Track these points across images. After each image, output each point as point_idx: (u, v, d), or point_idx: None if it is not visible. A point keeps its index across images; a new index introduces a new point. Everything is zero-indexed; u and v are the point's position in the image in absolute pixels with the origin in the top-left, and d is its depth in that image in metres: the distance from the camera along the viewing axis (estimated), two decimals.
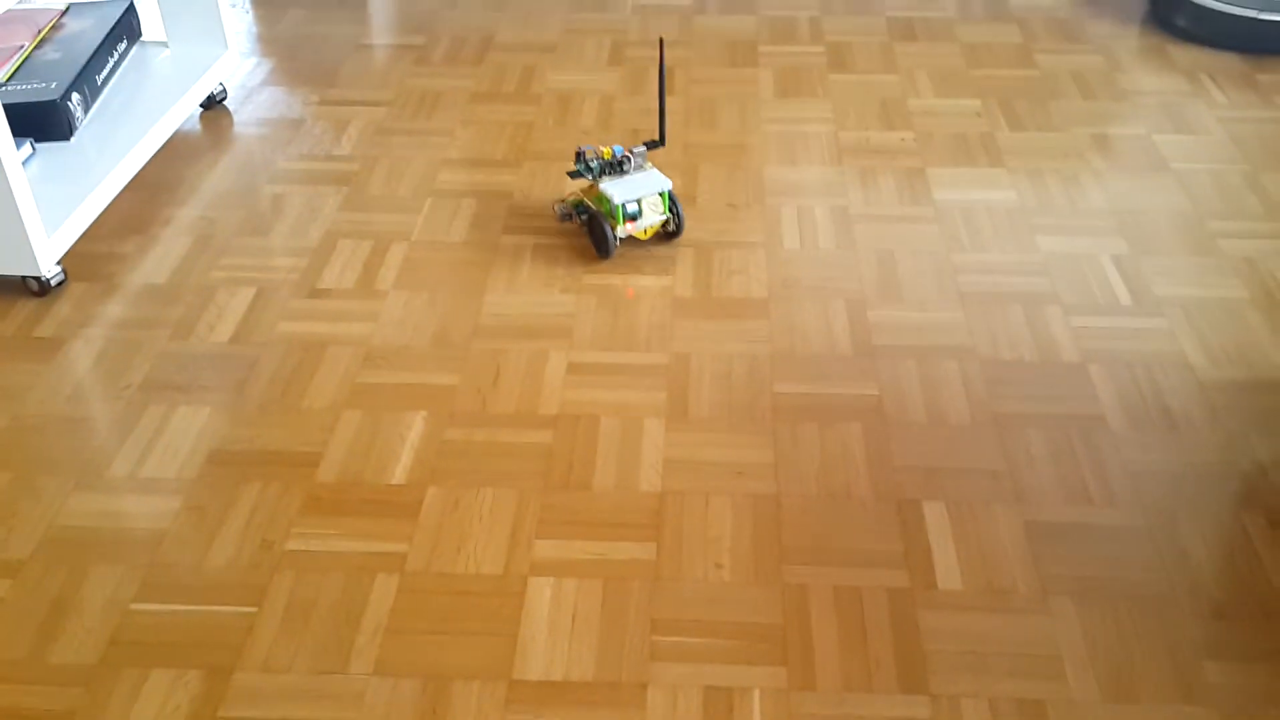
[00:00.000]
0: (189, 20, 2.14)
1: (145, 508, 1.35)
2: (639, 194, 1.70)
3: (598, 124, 2.11)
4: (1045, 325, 1.61)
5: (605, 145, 1.88)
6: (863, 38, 2.41)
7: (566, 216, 1.78)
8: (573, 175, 1.76)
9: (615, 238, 1.71)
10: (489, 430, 1.45)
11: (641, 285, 1.70)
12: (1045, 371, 1.54)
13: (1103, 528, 1.31)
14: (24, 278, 1.68)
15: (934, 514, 1.33)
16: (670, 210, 1.75)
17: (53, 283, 1.69)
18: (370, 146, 2.06)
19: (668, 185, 1.71)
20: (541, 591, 1.24)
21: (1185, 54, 2.33)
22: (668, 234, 1.78)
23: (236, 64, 2.35)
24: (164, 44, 2.17)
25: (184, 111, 2.02)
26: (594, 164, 1.75)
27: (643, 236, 1.75)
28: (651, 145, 1.78)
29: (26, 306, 1.68)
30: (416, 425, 1.46)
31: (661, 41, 1.73)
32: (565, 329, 1.62)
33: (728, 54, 2.36)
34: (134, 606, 1.23)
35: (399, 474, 1.39)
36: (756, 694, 1.14)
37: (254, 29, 2.50)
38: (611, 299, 1.67)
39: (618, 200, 1.69)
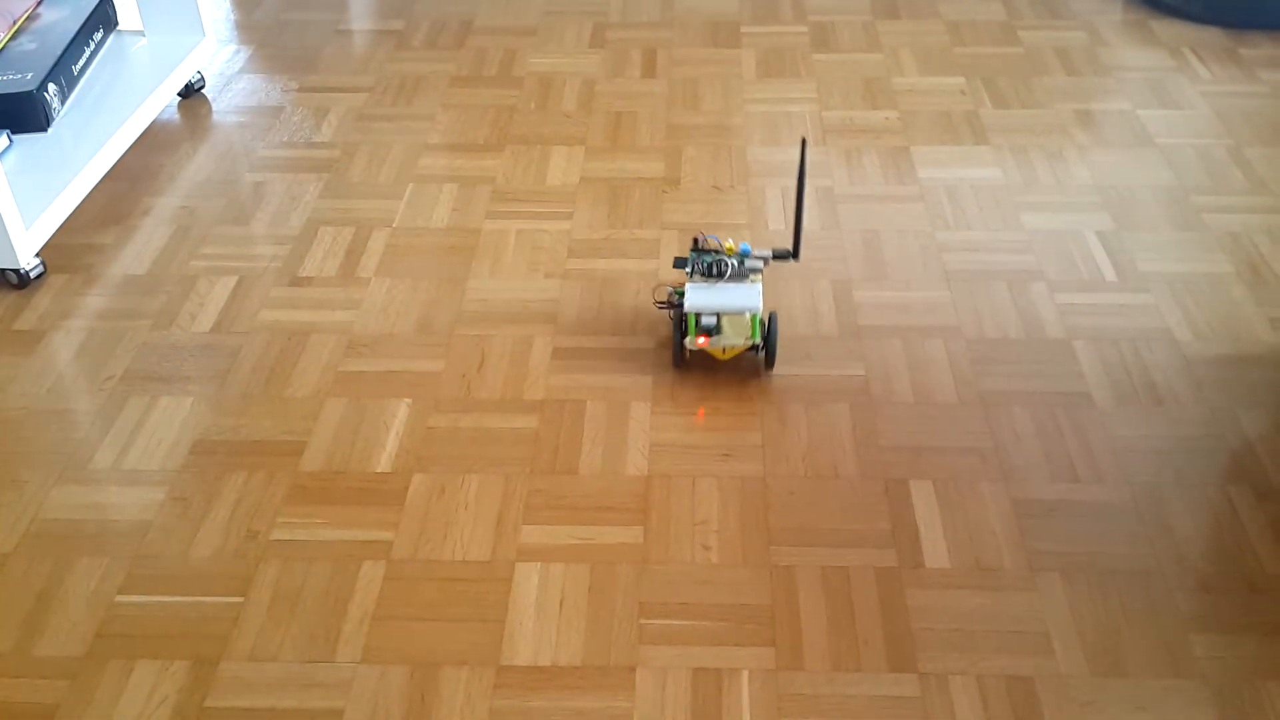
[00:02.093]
0: (165, 8, 2.12)
1: (129, 499, 1.34)
2: (720, 306, 1.42)
3: (579, 107, 2.10)
4: (1030, 302, 1.61)
5: (730, 239, 1.51)
6: (846, 17, 2.40)
7: (663, 305, 1.52)
8: (677, 263, 1.49)
9: (684, 348, 1.47)
10: (474, 416, 1.45)
11: (625, 269, 1.69)
12: (1031, 349, 1.53)
13: (1089, 504, 1.31)
14: (2, 270, 1.67)
15: (921, 493, 1.33)
16: (762, 335, 1.45)
17: (32, 275, 1.68)
18: (351, 133, 2.04)
19: (757, 307, 1.42)
20: (529, 577, 1.24)
21: (1168, 29, 2.33)
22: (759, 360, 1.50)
23: (214, 52, 2.33)
24: (140, 33, 2.15)
25: (162, 100, 2.01)
26: (702, 257, 1.47)
27: (721, 356, 1.47)
28: (781, 255, 1.48)
29: (5, 299, 1.66)
30: (401, 412, 1.45)
31: (804, 142, 1.39)
32: (549, 314, 1.61)
33: (710, 34, 2.35)
34: (119, 598, 1.22)
35: (384, 461, 1.38)
36: (745, 675, 1.14)
37: (231, 16, 2.48)
38: (596, 283, 1.67)
39: (690, 307, 1.43)
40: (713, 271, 1.45)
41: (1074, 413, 1.43)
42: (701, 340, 1.44)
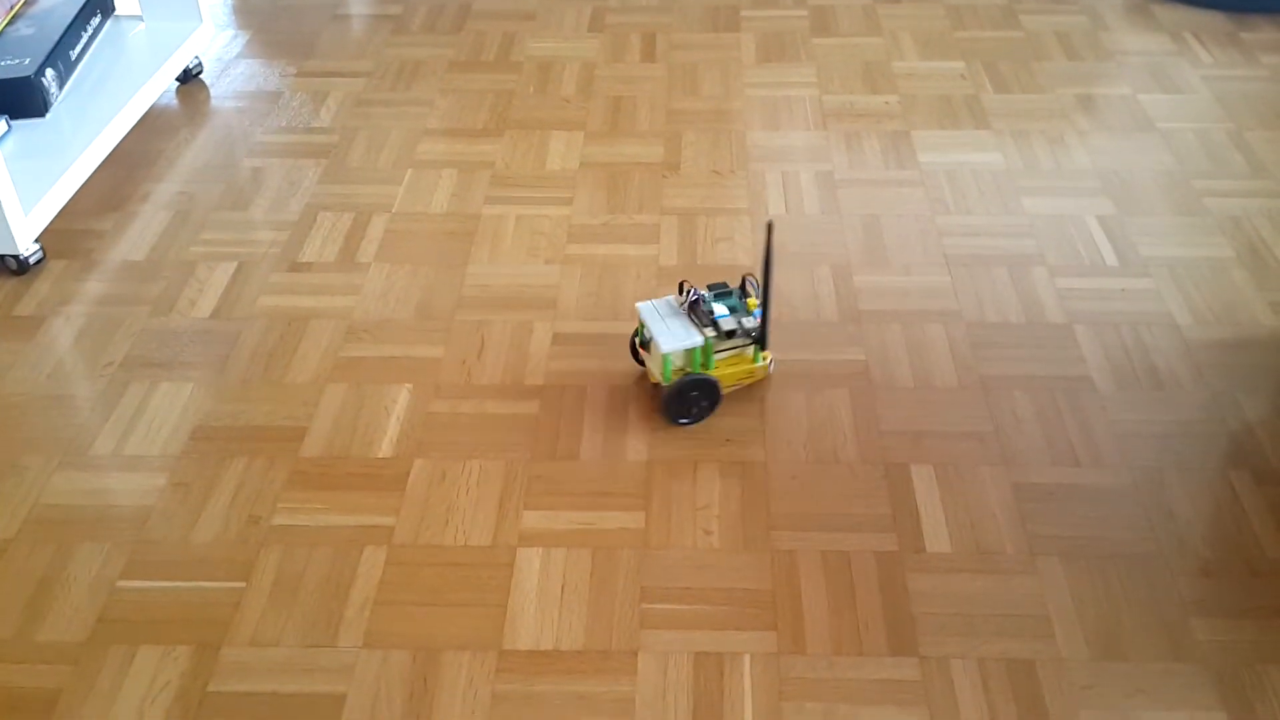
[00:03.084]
0: None
1: (130, 485, 1.34)
2: (652, 329, 1.38)
3: (579, 92, 2.10)
4: (1031, 287, 1.61)
5: (753, 295, 1.43)
6: (845, 0, 2.39)
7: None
8: (710, 288, 1.44)
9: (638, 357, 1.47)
10: (475, 402, 1.44)
11: (625, 255, 1.69)
12: (1031, 333, 1.53)
13: (1090, 488, 1.31)
14: (2, 256, 1.67)
15: (921, 477, 1.33)
16: (674, 384, 1.38)
17: (31, 261, 1.67)
18: (349, 118, 2.04)
19: (671, 350, 1.36)
20: (530, 562, 1.24)
21: (1169, 13, 2.32)
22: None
23: (212, 37, 2.32)
24: (138, 18, 2.14)
25: (160, 86, 2.00)
26: (705, 297, 1.42)
27: (651, 377, 1.44)
28: (748, 334, 1.39)
29: (5, 285, 1.66)
30: (402, 398, 1.45)
31: (770, 227, 1.34)
32: (550, 299, 1.61)
33: (709, 19, 2.34)
34: (121, 584, 1.23)
35: (385, 447, 1.38)
36: (747, 659, 1.14)
37: (229, 1, 2.47)
38: (596, 269, 1.66)
39: (642, 314, 1.41)
40: (696, 307, 1.40)
41: (1074, 397, 1.43)
42: (643, 350, 1.44)
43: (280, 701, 1.11)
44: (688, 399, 1.38)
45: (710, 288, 1.43)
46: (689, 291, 1.41)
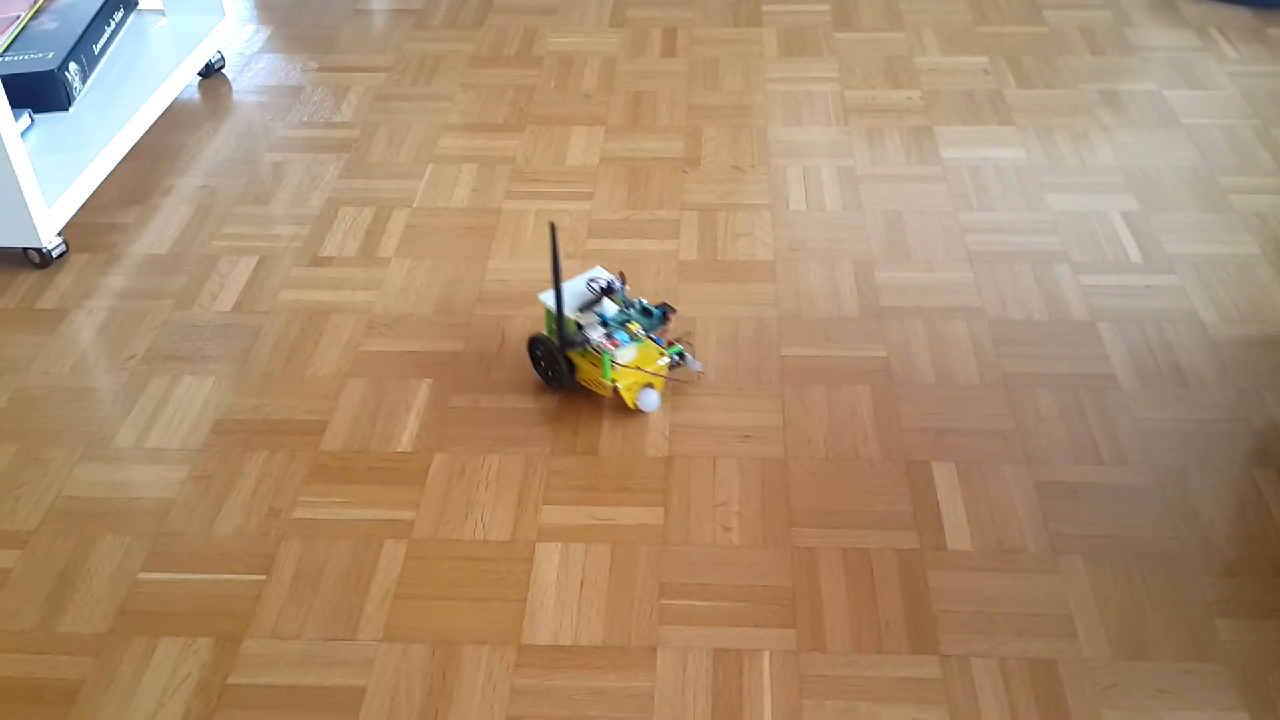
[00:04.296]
0: None
1: (152, 477, 1.35)
2: (565, 287, 1.43)
3: (600, 87, 2.09)
4: (1055, 284, 1.60)
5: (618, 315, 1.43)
6: None
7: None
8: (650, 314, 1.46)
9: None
10: (494, 397, 1.44)
11: (645, 250, 1.68)
12: (1055, 330, 1.52)
13: (1113, 486, 1.30)
14: (25, 249, 1.68)
15: (943, 475, 1.32)
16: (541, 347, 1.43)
17: (54, 254, 1.68)
18: (370, 112, 2.04)
19: (542, 299, 1.42)
20: (549, 557, 1.24)
21: (1195, 8, 2.30)
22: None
23: (234, 31, 2.32)
24: (161, 12, 2.15)
25: (182, 80, 2.01)
26: (627, 308, 1.44)
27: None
28: (567, 340, 1.40)
29: (28, 278, 1.67)
30: (421, 392, 1.45)
31: (553, 227, 1.33)
32: None
33: (730, 13, 2.34)
34: (142, 576, 1.23)
35: (405, 441, 1.38)
36: (766, 656, 1.13)
37: None
38: (615, 264, 1.66)
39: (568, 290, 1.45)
40: (604, 291, 1.43)
41: (1098, 395, 1.42)
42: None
43: (300, 694, 1.11)
44: (535, 354, 1.45)
45: (638, 305, 1.44)
46: (618, 282, 1.45)
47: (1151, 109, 1.98)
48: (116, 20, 2.05)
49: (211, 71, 2.17)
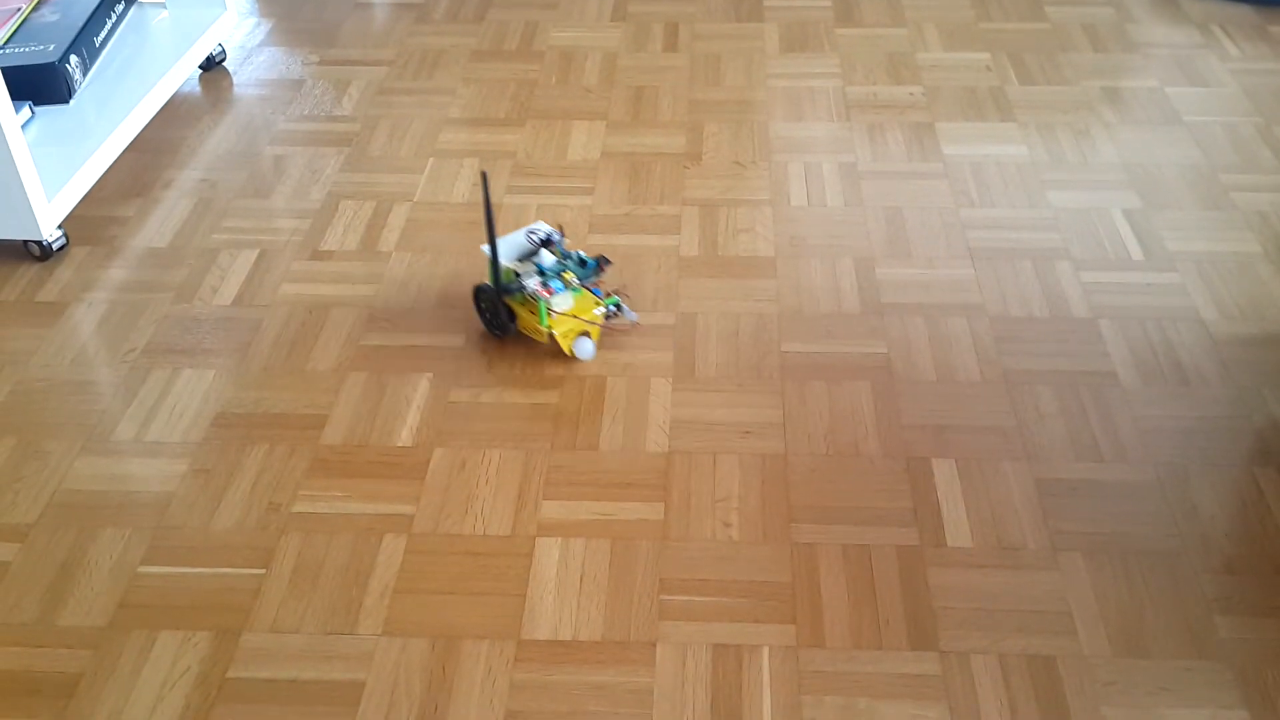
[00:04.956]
0: None
1: (151, 471, 1.34)
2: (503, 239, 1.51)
3: (601, 81, 2.09)
4: (1056, 281, 1.60)
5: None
6: None
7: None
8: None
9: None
10: (495, 391, 1.44)
11: (646, 245, 1.68)
12: (1055, 327, 1.52)
13: (1113, 484, 1.30)
14: (25, 242, 1.67)
15: (943, 471, 1.32)
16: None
17: (54, 247, 1.68)
18: (371, 106, 2.04)
19: (485, 249, 1.48)
20: (549, 552, 1.24)
21: (1197, 5, 2.30)
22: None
23: (235, 24, 2.32)
24: (162, 5, 2.15)
25: (183, 73, 2.00)
26: (564, 260, 1.50)
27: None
28: (519, 289, 1.46)
29: (28, 271, 1.67)
30: (422, 387, 1.45)
31: (484, 176, 1.42)
32: None
33: (732, 8, 2.33)
34: (142, 569, 1.23)
35: (405, 435, 1.38)
36: (766, 652, 1.13)
37: None
38: (616, 259, 1.66)
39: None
40: (544, 243, 1.51)
41: (1099, 392, 1.42)
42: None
43: (299, 688, 1.11)
44: (479, 302, 1.51)
45: (575, 256, 1.50)
46: (558, 235, 1.51)
47: (1153, 106, 1.98)
48: (117, 13, 2.04)
49: (212, 65, 2.16)
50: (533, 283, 1.44)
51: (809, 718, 1.08)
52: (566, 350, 1.46)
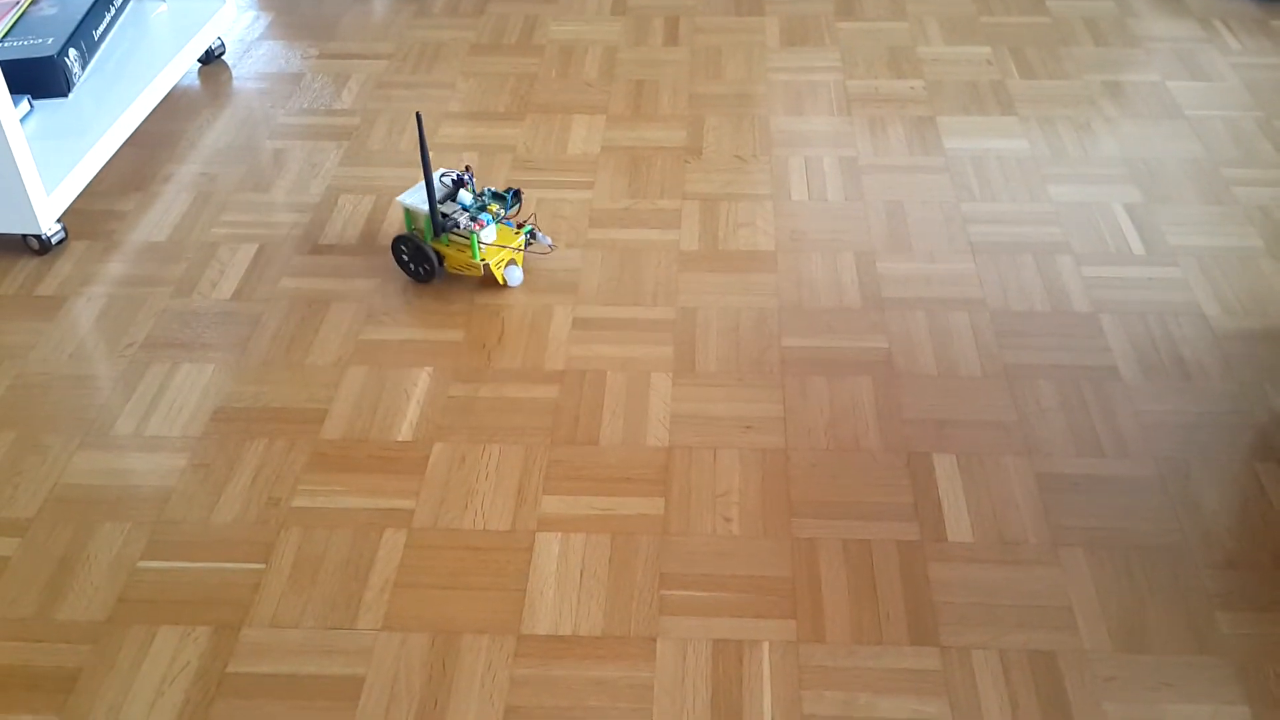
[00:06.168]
0: None
1: (151, 465, 1.34)
2: (412, 191, 1.61)
3: (601, 75, 2.09)
4: (1057, 275, 1.59)
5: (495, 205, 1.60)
6: None
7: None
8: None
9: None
10: (494, 386, 1.44)
11: (646, 239, 1.68)
12: (1057, 322, 1.52)
13: (1114, 479, 1.30)
14: (24, 236, 1.67)
15: (944, 466, 1.32)
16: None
17: (53, 241, 1.68)
18: (371, 100, 2.03)
19: (402, 200, 1.59)
20: (549, 546, 1.24)
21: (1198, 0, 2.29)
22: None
23: (234, 18, 2.31)
24: None
25: (182, 66, 2.00)
26: (480, 198, 1.62)
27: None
28: (453, 226, 1.56)
29: (27, 265, 1.66)
30: (422, 381, 1.45)
31: (418, 116, 1.52)
32: (570, 284, 1.60)
33: (733, 2, 2.33)
34: (141, 564, 1.23)
35: (405, 430, 1.38)
36: (766, 646, 1.13)
37: None
38: (616, 253, 1.66)
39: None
40: (455, 184, 1.61)
41: (1100, 387, 1.42)
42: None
43: (299, 683, 1.11)
44: (401, 255, 1.59)
45: (489, 192, 1.60)
46: (468, 175, 1.60)
47: (1154, 100, 1.98)
48: (116, 6, 2.04)
49: (211, 58, 2.16)
50: (465, 219, 1.54)
51: (809, 713, 1.08)
52: (499, 279, 1.56)
